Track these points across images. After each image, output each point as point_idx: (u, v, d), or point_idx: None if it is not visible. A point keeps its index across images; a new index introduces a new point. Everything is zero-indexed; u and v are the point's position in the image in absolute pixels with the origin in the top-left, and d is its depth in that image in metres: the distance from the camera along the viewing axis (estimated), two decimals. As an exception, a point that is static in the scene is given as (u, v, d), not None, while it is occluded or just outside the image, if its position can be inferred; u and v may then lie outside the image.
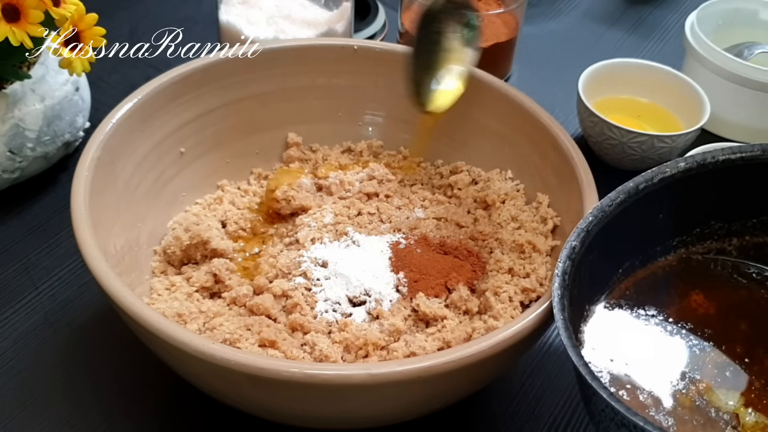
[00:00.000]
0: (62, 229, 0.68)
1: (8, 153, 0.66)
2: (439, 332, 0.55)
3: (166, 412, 0.56)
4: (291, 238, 0.62)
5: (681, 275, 0.54)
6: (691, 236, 0.55)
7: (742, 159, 0.52)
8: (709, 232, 0.55)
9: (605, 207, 0.49)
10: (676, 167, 0.51)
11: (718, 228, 0.55)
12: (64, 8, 0.61)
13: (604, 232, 0.49)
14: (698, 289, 0.53)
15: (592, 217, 0.49)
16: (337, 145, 0.70)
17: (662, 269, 0.54)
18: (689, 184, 0.52)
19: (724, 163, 0.52)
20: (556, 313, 0.44)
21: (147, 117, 0.61)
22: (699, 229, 0.55)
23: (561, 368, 0.61)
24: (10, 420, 0.55)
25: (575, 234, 0.48)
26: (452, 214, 0.64)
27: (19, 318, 0.61)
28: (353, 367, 0.45)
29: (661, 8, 1.01)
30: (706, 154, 0.51)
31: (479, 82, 0.66)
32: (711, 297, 0.53)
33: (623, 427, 0.41)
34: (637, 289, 0.53)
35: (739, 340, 0.50)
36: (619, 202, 0.50)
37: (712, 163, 0.52)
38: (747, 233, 0.55)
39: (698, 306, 0.52)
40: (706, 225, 0.55)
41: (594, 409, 0.44)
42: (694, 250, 0.55)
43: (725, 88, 0.78)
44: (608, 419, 0.42)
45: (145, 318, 0.46)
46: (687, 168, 0.51)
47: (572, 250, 0.47)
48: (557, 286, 0.46)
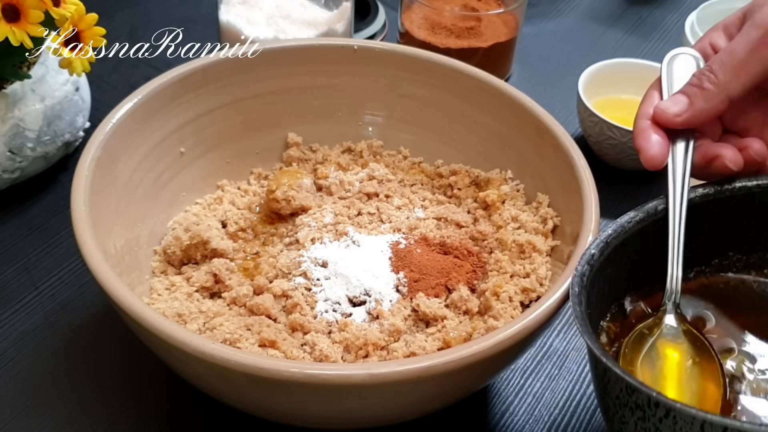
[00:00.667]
0: (62, 229, 0.68)
1: (8, 153, 0.66)
2: (439, 332, 0.55)
3: (166, 412, 0.56)
4: (291, 238, 0.62)
5: (703, 300, 0.54)
6: (709, 267, 0.54)
7: (758, 186, 0.52)
8: (728, 264, 0.55)
9: (624, 223, 0.49)
10: (695, 192, 0.51)
11: (736, 260, 0.55)
12: (64, 8, 0.61)
13: (623, 248, 0.49)
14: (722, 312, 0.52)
15: (611, 230, 0.49)
16: (337, 145, 0.70)
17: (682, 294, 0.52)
18: (707, 211, 0.52)
19: (740, 189, 0.52)
20: (574, 306, 0.45)
21: (147, 117, 0.61)
22: (717, 260, 0.54)
23: (561, 368, 0.61)
24: (10, 420, 0.55)
25: (595, 243, 0.48)
26: (452, 214, 0.64)
27: (19, 318, 0.61)
28: (353, 367, 0.45)
29: (661, 8, 1.02)
30: (723, 180, 0.51)
31: (479, 82, 0.66)
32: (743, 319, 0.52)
33: (638, 409, 0.41)
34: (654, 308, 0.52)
35: None
36: (638, 220, 0.50)
37: (729, 190, 0.52)
38: (766, 267, 0.55)
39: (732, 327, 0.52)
40: (724, 256, 0.55)
41: (609, 399, 0.44)
42: (713, 280, 0.55)
43: (725, 88, 0.78)
44: (623, 405, 0.42)
45: (145, 318, 0.46)
46: (705, 193, 0.51)
47: (591, 257, 0.48)
48: (575, 284, 0.46)
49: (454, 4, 0.85)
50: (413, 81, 0.68)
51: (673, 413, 0.39)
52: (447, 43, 0.82)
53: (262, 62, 0.66)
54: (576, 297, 0.45)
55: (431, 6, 0.83)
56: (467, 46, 0.82)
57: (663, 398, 0.39)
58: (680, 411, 0.38)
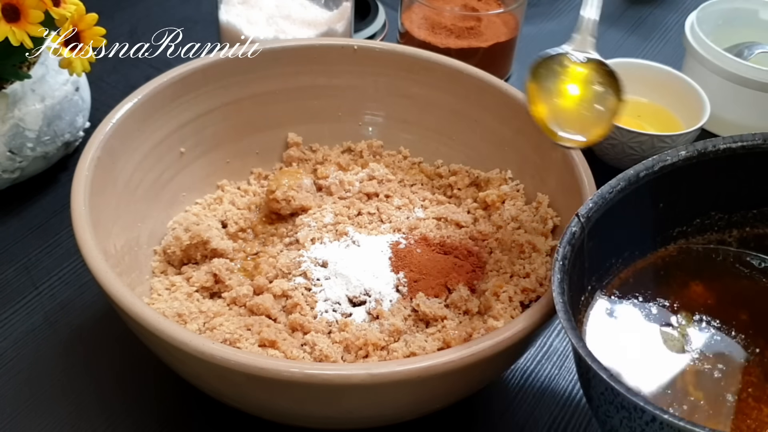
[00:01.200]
0: (62, 229, 0.68)
1: (8, 153, 0.66)
2: (439, 332, 0.55)
3: (166, 412, 0.56)
4: (291, 238, 0.62)
5: (681, 265, 0.54)
6: (691, 227, 0.55)
7: (743, 148, 0.51)
8: (710, 223, 0.55)
9: (605, 194, 0.49)
10: (677, 155, 0.51)
11: (718, 219, 0.55)
12: (64, 8, 0.61)
13: (604, 219, 0.49)
14: (698, 280, 0.53)
15: (592, 204, 0.49)
16: (337, 145, 0.70)
17: (662, 259, 0.54)
18: (690, 173, 0.51)
19: (725, 152, 0.51)
20: (556, 297, 0.44)
21: (147, 117, 0.61)
22: (699, 220, 0.55)
23: (561, 368, 0.61)
24: (10, 420, 0.55)
25: (575, 220, 0.48)
26: (452, 214, 0.64)
27: (19, 318, 0.61)
28: (353, 367, 0.45)
29: (661, 8, 1.01)
30: (707, 142, 0.51)
31: (479, 81, 0.66)
32: (711, 287, 0.52)
33: (623, 409, 0.41)
34: (636, 278, 0.53)
35: (740, 329, 0.50)
36: (620, 189, 0.49)
37: (712, 152, 0.51)
38: (747, 224, 0.55)
39: (698, 296, 0.52)
40: (706, 216, 0.55)
41: (593, 393, 0.44)
42: (694, 241, 0.55)
43: (725, 88, 0.78)
44: (608, 402, 0.42)
45: (145, 318, 0.46)
46: (688, 156, 0.51)
47: (572, 235, 0.47)
48: (557, 269, 0.46)
49: (454, 4, 0.85)
50: (413, 81, 0.68)
51: (659, 420, 0.39)
52: (447, 43, 0.82)
53: (262, 62, 0.66)
54: (558, 285, 0.45)
55: (431, 6, 0.83)
56: (467, 46, 0.82)
57: (649, 407, 0.39)
58: (667, 420, 0.38)
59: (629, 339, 0.50)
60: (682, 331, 0.50)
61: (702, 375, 0.48)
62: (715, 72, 0.78)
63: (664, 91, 0.79)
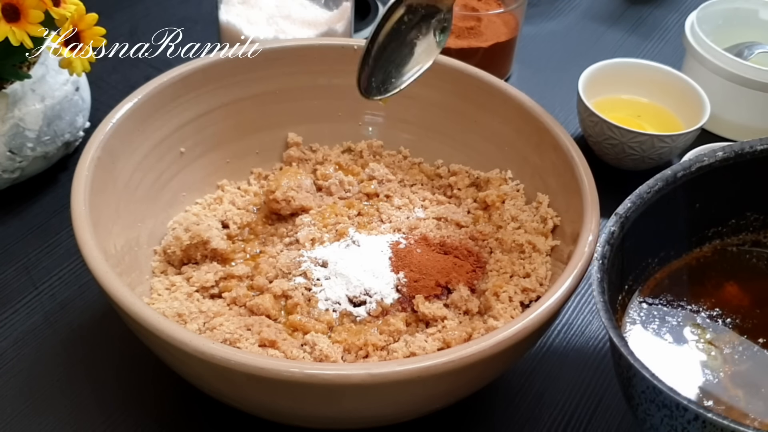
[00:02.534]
0: (62, 229, 0.68)
1: (8, 153, 0.66)
2: (439, 332, 0.55)
3: (166, 412, 0.56)
4: (291, 238, 0.62)
5: (716, 266, 0.54)
6: (726, 227, 0.55)
7: None
8: (745, 223, 0.55)
9: (643, 193, 0.49)
10: (714, 156, 0.51)
11: (753, 220, 0.55)
12: (64, 8, 0.61)
13: (642, 219, 0.49)
14: (733, 281, 0.53)
15: (630, 203, 0.49)
16: (337, 145, 0.70)
17: (697, 260, 0.54)
18: (726, 174, 0.52)
19: (761, 153, 0.51)
20: (597, 296, 0.44)
21: (147, 117, 0.61)
22: (735, 221, 0.55)
23: (561, 368, 0.61)
24: (10, 420, 0.55)
25: (614, 218, 0.48)
26: (452, 214, 0.64)
27: (19, 318, 0.61)
28: (353, 367, 0.45)
29: (661, 8, 1.01)
30: (744, 143, 0.51)
31: (479, 81, 0.66)
32: (746, 288, 0.53)
33: (664, 407, 0.41)
34: (671, 279, 0.53)
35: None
36: (657, 189, 0.50)
37: (749, 153, 0.52)
38: None
39: (733, 297, 0.52)
40: (741, 216, 0.55)
41: (634, 391, 0.44)
42: (729, 241, 0.55)
43: (725, 88, 0.78)
44: (649, 401, 0.42)
45: (145, 318, 0.46)
46: (725, 157, 0.51)
47: (611, 234, 0.47)
48: (597, 269, 0.46)
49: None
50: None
51: (702, 419, 0.39)
52: (447, 43, 0.82)
53: (262, 62, 0.66)
54: (599, 284, 0.45)
55: (431, 6, 0.83)
56: (467, 46, 0.82)
57: (693, 405, 0.39)
58: (710, 419, 0.38)
59: (666, 339, 0.50)
60: (717, 332, 0.50)
61: (739, 373, 0.48)
62: (715, 72, 0.78)
63: (664, 91, 0.79)
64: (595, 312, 0.65)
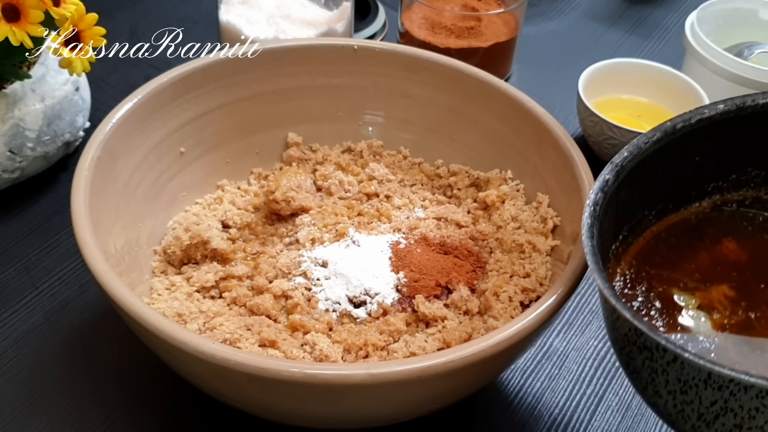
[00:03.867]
0: (62, 229, 0.68)
1: (8, 153, 0.66)
2: (439, 332, 0.55)
3: (166, 412, 0.56)
4: (291, 238, 0.62)
5: (714, 222, 0.53)
6: (727, 182, 0.54)
7: None
8: (746, 179, 0.54)
9: (641, 144, 0.48)
10: (715, 109, 0.50)
11: (755, 176, 0.54)
12: (64, 8, 0.61)
13: (638, 170, 0.48)
14: (731, 237, 0.52)
15: (627, 153, 0.48)
16: (337, 145, 0.70)
17: (695, 215, 0.53)
18: (728, 128, 0.50)
19: (764, 107, 0.50)
20: (585, 240, 0.44)
21: (147, 117, 0.61)
22: (735, 176, 0.54)
23: (561, 368, 0.61)
24: (10, 420, 0.55)
25: (609, 168, 0.47)
26: (452, 214, 0.64)
27: (19, 318, 0.61)
28: (353, 367, 0.45)
29: (661, 8, 1.02)
30: (746, 97, 0.50)
31: (479, 82, 0.66)
32: (744, 245, 0.52)
33: (645, 349, 0.40)
34: (668, 232, 0.52)
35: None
36: (655, 140, 0.49)
37: (751, 107, 0.50)
38: None
39: (730, 253, 0.51)
40: (743, 172, 0.54)
41: (617, 335, 0.43)
42: (729, 197, 0.54)
43: (725, 88, 0.78)
44: (631, 343, 0.42)
45: (145, 318, 0.46)
46: (726, 110, 0.50)
47: (605, 182, 0.47)
48: (587, 215, 0.45)
49: (454, 4, 0.85)
50: (413, 81, 0.68)
51: (680, 360, 0.39)
52: (447, 43, 0.82)
53: (262, 62, 0.66)
54: (588, 229, 0.44)
55: (431, 6, 0.83)
56: (467, 46, 0.82)
57: (671, 345, 0.38)
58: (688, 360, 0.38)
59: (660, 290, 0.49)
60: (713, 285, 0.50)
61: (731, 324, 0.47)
62: (715, 72, 0.78)
63: (664, 91, 0.79)
64: (595, 312, 0.65)
